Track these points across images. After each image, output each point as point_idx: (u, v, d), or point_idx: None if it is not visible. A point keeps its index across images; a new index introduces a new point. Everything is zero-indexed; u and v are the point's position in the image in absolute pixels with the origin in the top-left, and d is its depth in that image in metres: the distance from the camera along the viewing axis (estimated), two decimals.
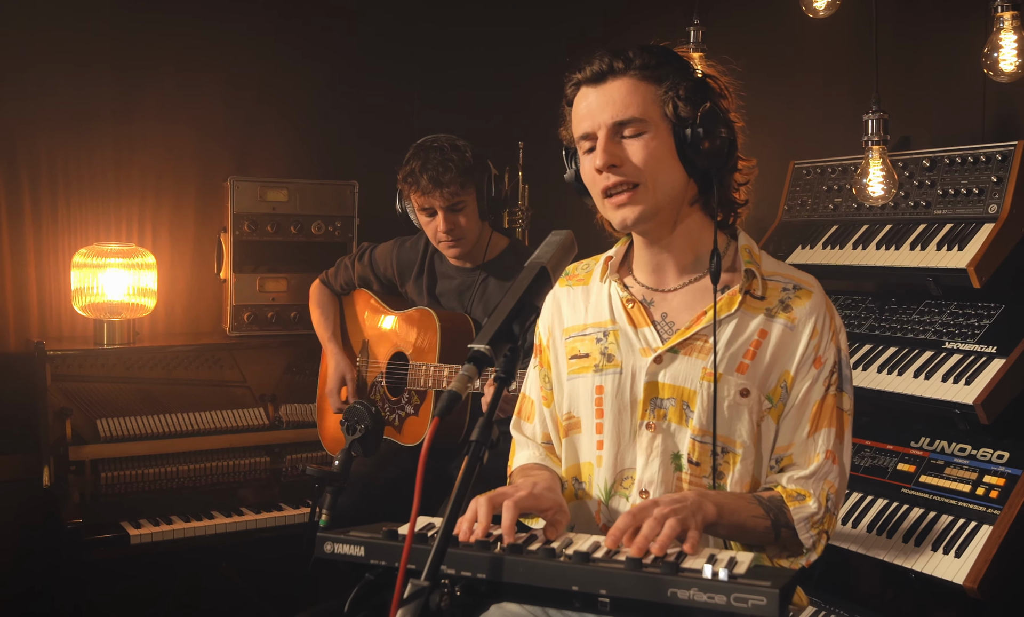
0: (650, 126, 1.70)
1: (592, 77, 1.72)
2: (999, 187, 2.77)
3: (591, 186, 1.76)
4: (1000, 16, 2.24)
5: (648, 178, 1.70)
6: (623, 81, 1.70)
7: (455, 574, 1.40)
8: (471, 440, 1.33)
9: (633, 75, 1.70)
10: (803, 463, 1.75)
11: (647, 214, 1.72)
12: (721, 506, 1.60)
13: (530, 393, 2.01)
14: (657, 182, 1.71)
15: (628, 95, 1.69)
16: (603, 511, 1.79)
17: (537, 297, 1.45)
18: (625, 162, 1.70)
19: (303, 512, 3.33)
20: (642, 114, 1.69)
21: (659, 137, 1.70)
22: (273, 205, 3.59)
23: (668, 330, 1.79)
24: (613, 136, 1.70)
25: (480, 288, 2.97)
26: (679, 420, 1.75)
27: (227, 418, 3.46)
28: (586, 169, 1.76)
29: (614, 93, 1.70)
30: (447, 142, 2.88)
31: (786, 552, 1.75)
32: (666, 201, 1.74)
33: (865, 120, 2.56)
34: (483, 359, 1.35)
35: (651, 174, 1.70)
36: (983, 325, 2.79)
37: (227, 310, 3.57)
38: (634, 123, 1.69)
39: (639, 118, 1.69)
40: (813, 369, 1.74)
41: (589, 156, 1.74)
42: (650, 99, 1.70)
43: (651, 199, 1.72)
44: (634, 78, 1.70)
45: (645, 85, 1.70)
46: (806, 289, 1.78)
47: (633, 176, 1.70)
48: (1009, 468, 2.61)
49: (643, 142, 1.70)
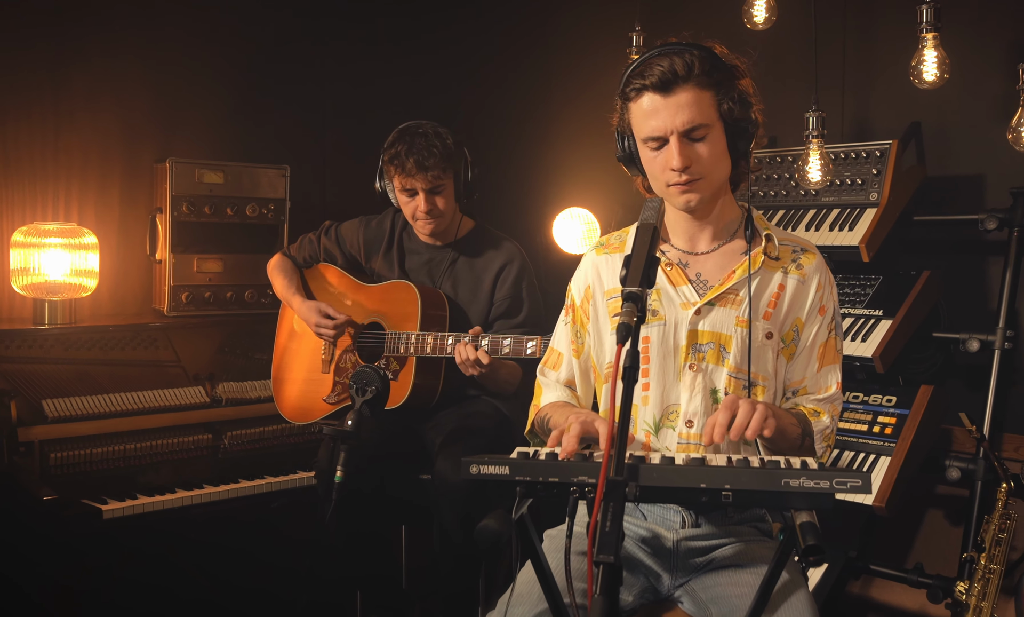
0: (711, 129, 2.03)
1: (659, 85, 2.01)
2: (878, 178, 3.33)
3: (658, 175, 2.07)
4: (924, 36, 2.78)
5: (710, 172, 2.05)
6: (688, 91, 2.00)
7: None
8: (626, 367, 1.58)
9: (695, 83, 2.01)
10: (816, 391, 2.16)
11: (705, 200, 2.08)
12: (775, 411, 1.95)
13: (558, 346, 2.31)
14: (715, 174, 2.07)
15: (695, 105, 2.00)
16: (653, 442, 2.12)
17: (656, 249, 1.75)
18: (694, 162, 2.03)
19: (257, 484, 3.43)
20: (706, 119, 2.02)
21: (716, 135, 2.04)
22: (210, 187, 3.64)
23: (703, 287, 2.15)
24: (683, 139, 2.02)
25: (449, 265, 3.22)
26: (716, 361, 2.10)
27: (167, 397, 3.47)
28: (656, 163, 2.06)
29: (682, 101, 2.00)
30: (431, 129, 3.10)
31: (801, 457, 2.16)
32: (719, 187, 2.10)
33: (806, 117, 3.05)
34: (639, 297, 1.63)
35: (712, 169, 2.05)
36: (867, 293, 3.35)
37: (164, 291, 3.60)
38: (700, 128, 2.02)
39: (704, 124, 2.02)
40: (819, 316, 2.15)
41: (658, 153, 2.05)
42: (708, 104, 2.03)
43: (709, 188, 2.07)
44: (697, 87, 2.01)
45: (704, 92, 2.02)
46: (810, 251, 2.19)
47: (699, 173, 2.04)
48: (898, 409, 3.17)
49: (708, 144, 2.03)
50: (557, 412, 2.20)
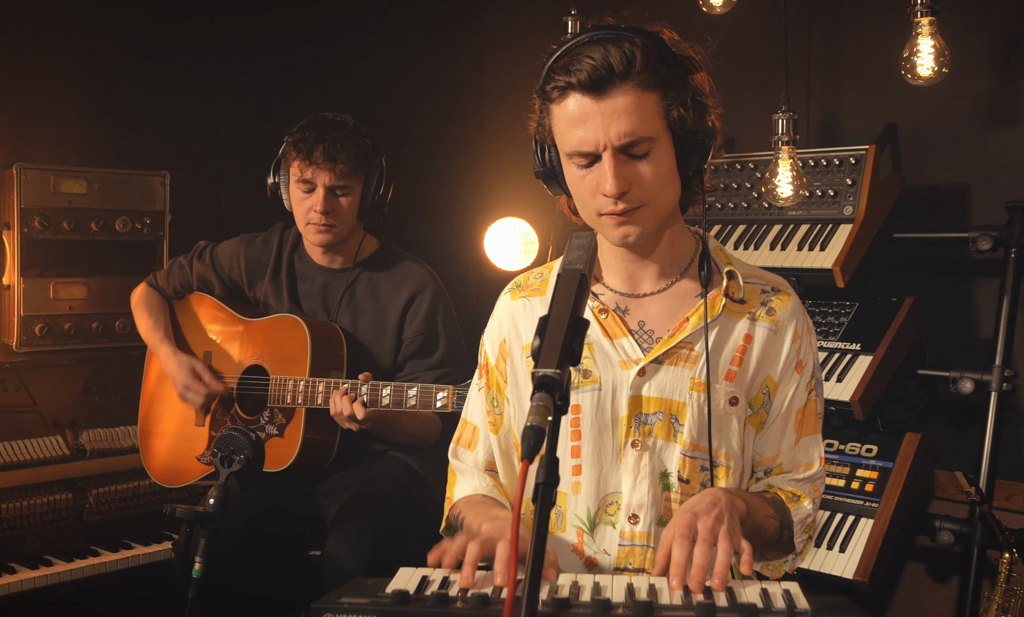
0: (656, 143, 1.54)
1: (589, 84, 1.52)
2: (853, 189, 2.88)
3: (587, 200, 1.58)
4: (919, 21, 2.29)
5: (654, 198, 1.56)
6: (627, 94, 1.51)
7: None
8: (538, 483, 1.11)
9: (637, 83, 1.52)
10: (794, 469, 1.70)
11: (648, 232, 1.59)
12: (747, 503, 1.53)
13: (472, 419, 1.82)
14: (661, 200, 1.58)
15: (635, 111, 1.51)
16: (588, 542, 1.62)
17: (582, 308, 1.26)
18: (634, 184, 1.54)
19: (123, 556, 2.88)
20: (650, 131, 1.53)
21: (663, 151, 1.55)
22: (69, 198, 3.09)
23: (648, 339, 1.65)
24: (619, 155, 1.53)
25: (348, 291, 2.69)
26: (666, 436, 1.62)
27: (16, 450, 2.92)
28: (584, 184, 1.57)
29: (618, 107, 1.51)
30: (351, 122, 2.63)
31: (771, 557, 1.70)
32: (666, 215, 1.61)
33: (775, 119, 2.56)
34: (555, 384, 1.13)
35: (656, 194, 1.56)
36: (842, 323, 2.89)
37: (13, 322, 3.03)
38: (643, 142, 1.53)
39: (648, 136, 1.53)
40: (796, 374, 1.67)
41: (587, 171, 1.56)
42: (653, 110, 1.53)
43: (653, 218, 1.58)
44: (638, 88, 1.52)
45: (648, 95, 1.53)
46: (784, 291, 1.71)
47: (640, 199, 1.55)
48: (879, 462, 2.71)
49: (651, 163, 1.54)
50: (471, 512, 1.71)
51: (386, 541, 2.38)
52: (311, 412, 2.55)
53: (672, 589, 1.34)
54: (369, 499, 2.50)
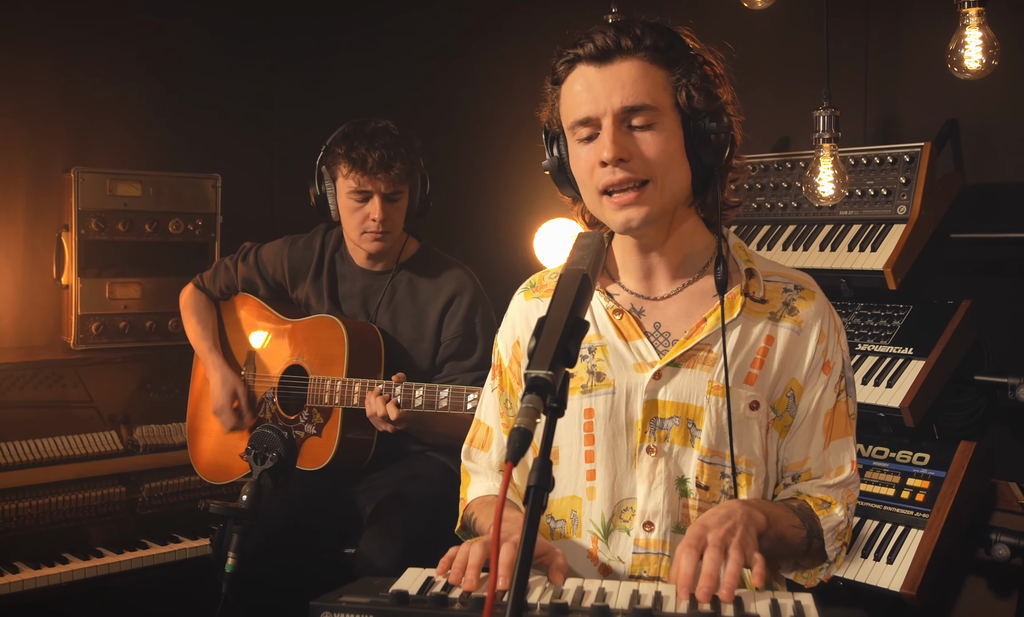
0: (661, 116, 1.51)
1: (595, 54, 1.51)
2: (907, 188, 2.78)
3: (587, 179, 1.55)
4: (966, 12, 2.20)
5: (659, 175, 1.52)
6: (632, 62, 1.50)
7: None
8: (529, 486, 1.08)
9: (643, 56, 1.50)
10: (824, 475, 1.63)
11: (653, 216, 1.54)
12: (768, 515, 1.47)
13: (486, 419, 1.81)
14: (666, 181, 1.53)
15: (639, 79, 1.49)
16: (602, 549, 1.59)
17: (583, 310, 1.23)
18: (635, 156, 1.50)
19: (170, 548, 2.94)
20: (654, 101, 1.50)
21: (669, 129, 1.52)
22: (125, 200, 3.17)
23: (664, 342, 1.61)
24: (620, 124, 1.50)
25: (388, 293, 2.70)
26: (683, 441, 1.57)
27: (73, 444, 3.00)
28: (583, 160, 1.55)
29: (623, 75, 1.50)
30: (394, 127, 2.63)
31: (806, 565, 1.65)
32: (672, 202, 1.56)
33: (815, 116, 2.48)
34: (546, 386, 1.11)
35: (662, 171, 1.52)
36: (894, 326, 2.79)
37: (71, 320, 3.12)
38: (645, 111, 1.50)
39: (651, 106, 1.50)
40: (823, 376, 1.61)
41: (587, 145, 1.54)
42: (661, 85, 1.51)
43: (659, 200, 1.53)
44: (644, 60, 1.50)
45: (656, 69, 1.51)
46: (808, 289, 1.65)
47: (643, 172, 1.51)
48: (932, 470, 2.61)
49: (655, 134, 1.50)
50: (484, 513, 1.71)
51: (419, 541, 2.38)
52: (348, 412, 2.57)
53: (679, 599, 1.31)
54: (403, 499, 2.50)
